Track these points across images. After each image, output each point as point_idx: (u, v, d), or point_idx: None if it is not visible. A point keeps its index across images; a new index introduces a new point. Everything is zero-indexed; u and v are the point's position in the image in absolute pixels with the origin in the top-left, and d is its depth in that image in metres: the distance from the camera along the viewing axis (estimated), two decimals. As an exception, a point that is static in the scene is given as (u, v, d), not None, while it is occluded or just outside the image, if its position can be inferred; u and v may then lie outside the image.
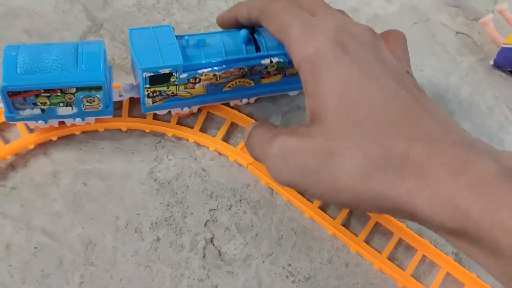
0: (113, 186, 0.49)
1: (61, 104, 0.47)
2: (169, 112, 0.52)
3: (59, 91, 0.46)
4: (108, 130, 0.51)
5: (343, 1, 0.64)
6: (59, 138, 0.50)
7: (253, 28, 0.49)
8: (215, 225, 0.48)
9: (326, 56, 0.39)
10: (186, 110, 0.51)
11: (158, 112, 0.51)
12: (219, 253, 0.47)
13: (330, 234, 0.49)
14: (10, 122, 0.48)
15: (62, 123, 0.50)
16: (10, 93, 0.45)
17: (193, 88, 0.49)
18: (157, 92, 0.48)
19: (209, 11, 0.61)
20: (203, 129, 0.52)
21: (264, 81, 0.51)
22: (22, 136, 0.49)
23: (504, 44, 0.59)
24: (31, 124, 0.48)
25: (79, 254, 0.45)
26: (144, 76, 0.46)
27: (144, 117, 0.52)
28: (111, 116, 0.49)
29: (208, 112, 0.53)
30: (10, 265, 0.45)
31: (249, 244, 0.48)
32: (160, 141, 0.52)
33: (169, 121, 0.52)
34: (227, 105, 0.54)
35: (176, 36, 0.48)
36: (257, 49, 0.48)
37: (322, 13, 0.42)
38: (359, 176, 0.36)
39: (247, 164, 0.50)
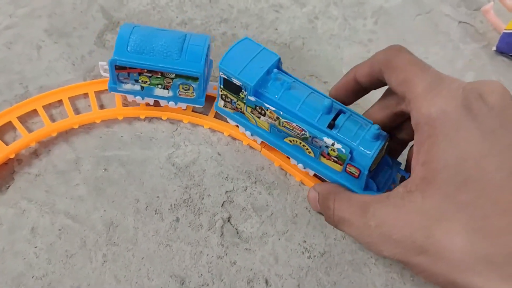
0: (133, 171, 0.51)
1: (159, 86, 0.51)
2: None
3: (160, 74, 0.49)
4: (126, 118, 0.53)
5: (348, -4, 0.67)
6: (80, 126, 0.52)
7: (341, 111, 0.47)
8: (232, 206, 0.50)
9: (449, 121, 0.35)
10: (248, 134, 0.52)
11: (228, 120, 0.52)
12: (237, 232, 0.48)
13: (343, 211, 0.50)
14: (113, 92, 0.51)
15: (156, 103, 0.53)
16: (117, 67, 0.49)
17: (259, 117, 0.49)
18: (229, 99, 0.50)
19: (220, 8, 0.63)
20: (217, 116, 0.54)
21: (323, 160, 0.48)
22: (45, 125, 0.51)
23: (505, 29, 0.61)
24: (130, 97, 0.52)
25: (102, 235, 0.47)
26: (220, 75, 0.48)
27: (160, 106, 0.54)
28: (201, 106, 0.52)
29: (221, 100, 0.55)
30: (36, 247, 0.46)
31: (265, 223, 0.49)
32: (176, 129, 0.54)
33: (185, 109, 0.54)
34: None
35: (278, 68, 0.49)
36: (331, 126, 0.46)
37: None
38: (457, 265, 0.33)
39: (260, 148, 0.52)
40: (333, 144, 0.45)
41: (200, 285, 0.46)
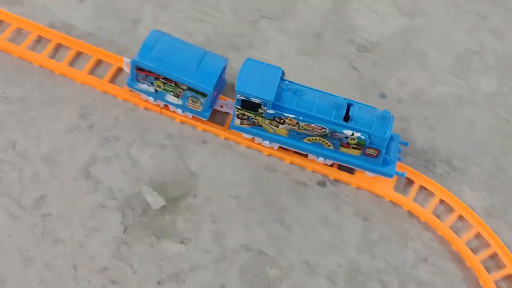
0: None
1: (171, 93, 0.56)
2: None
3: (174, 83, 0.55)
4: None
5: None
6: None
7: (349, 104, 0.54)
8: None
9: None
10: (266, 143, 0.58)
11: (243, 135, 0.59)
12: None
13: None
14: (130, 88, 0.58)
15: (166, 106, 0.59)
16: (137, 68, 0.55)
17: (277, 126, 0.55)
18: (246, 116, 0.55)
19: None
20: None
21: (342, 149, 0.55)
22: None
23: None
24: (143, 96, 0.58)
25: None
26: (237, 98, 0.53)
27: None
28: (205, 120, 0.58)
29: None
30: None
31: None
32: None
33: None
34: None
35: (282, 80, 0.54)
36: (346, 119, 0.53)
37: None
38: None
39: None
40: (352, 134, 0.53)
41: None
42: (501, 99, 0.73)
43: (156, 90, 0.57)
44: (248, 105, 0.54)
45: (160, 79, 0.56)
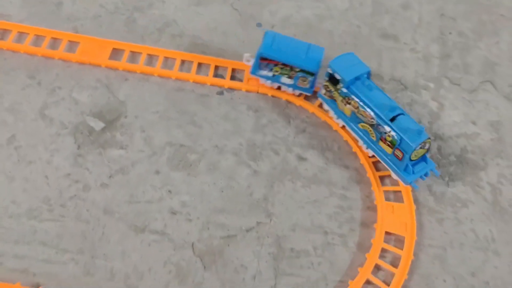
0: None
1: (286, 75, 0.77)
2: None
3: (289, 67, 0.76)
4: None
5: None
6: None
7: (402, 113, 0.70)
8: None
9: None
10: (335, 116, 0.78)
11: (324, 106, 0.79)
12: None
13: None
14: (252, 75, 0.79)
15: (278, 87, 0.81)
16: (262, 58, 0.75)
17: (345, 105, 0.74)
18: (329, 89, 0.75)
19: None
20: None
21: (380, 143, 0.72)
22: None
23: None
24: (261, 80, 0.79)
25: None
26: (327, 71, 0.73)
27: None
28: (310, 94, 0.80)
29: None
30: None
31: None
32: None
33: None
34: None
35: (367, 77, 0.74)
36: (392, 119, 0.69)
37: None
38: None
39: None
40: (389, 132, 0.69)
41: None
42: (353, 12, 0.96)
43: (273, 75, 0.78)
44: (332, 79, 0.74)
45: (279, 65, 0.76)
